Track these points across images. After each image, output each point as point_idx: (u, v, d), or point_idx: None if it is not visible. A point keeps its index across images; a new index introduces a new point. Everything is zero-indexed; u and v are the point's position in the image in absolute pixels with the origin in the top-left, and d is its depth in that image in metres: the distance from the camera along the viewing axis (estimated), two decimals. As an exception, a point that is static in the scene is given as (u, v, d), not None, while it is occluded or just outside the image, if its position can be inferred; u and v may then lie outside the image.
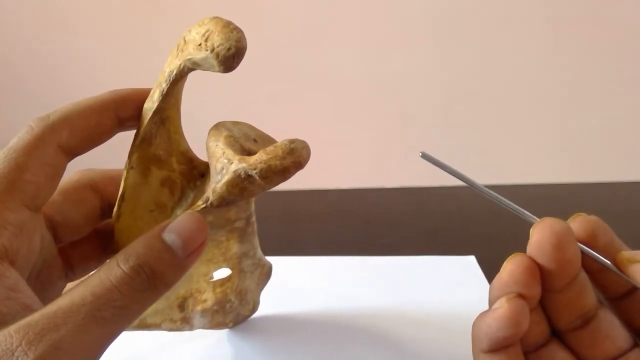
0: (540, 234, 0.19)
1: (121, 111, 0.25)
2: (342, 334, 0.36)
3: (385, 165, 0.81)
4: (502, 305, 0.19)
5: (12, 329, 0.19)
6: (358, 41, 0.80)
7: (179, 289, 0.31)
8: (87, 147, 0.25)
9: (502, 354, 0.20)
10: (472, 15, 0.75)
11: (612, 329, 0.20)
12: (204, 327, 0.33)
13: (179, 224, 0.22)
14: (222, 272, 0.32)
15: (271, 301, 0.39)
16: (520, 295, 0.19)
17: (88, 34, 0.90)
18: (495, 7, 0.74)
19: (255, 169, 0.22)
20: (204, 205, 0.24)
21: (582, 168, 0.78)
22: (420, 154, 0.21)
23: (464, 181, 0.21)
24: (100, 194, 0.27)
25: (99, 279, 0.20)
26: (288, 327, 0.37)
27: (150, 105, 0.25)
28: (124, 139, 0.28)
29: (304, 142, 0.22)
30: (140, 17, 0.84)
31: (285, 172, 0.22)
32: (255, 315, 0.38)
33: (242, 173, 0.22)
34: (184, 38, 0.23)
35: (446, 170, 0.21)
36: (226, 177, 0.23)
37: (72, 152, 0.24)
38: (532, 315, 0.20)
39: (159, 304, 0.30)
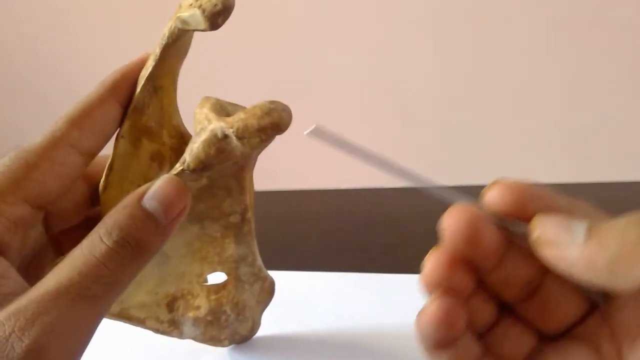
0: (450, 228, 0.18)
1: (120, 97, 0.25)
2: (348, 356, 0.34)
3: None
4: (430, 307, 0.18)
5: (1, 316, 0.19)
6: (359, 41, 0.80)
7: (168, 285, 0.30)
8: (101, 142, 0.25)
9: (450, 348, 0.19)
10: (472, 16, 0.75)
11: (561, 296, 0.19)
12: (195, 339, 0.32)
13: (158, 190, 0.22)
14: (218, 278, 0.31)
15: (272, 319, 0.36)
16: (448, 291, 0.18)
17: (88, 33, 0.90)
18: (496, 7, 0.74)
19: (232, 127, 0.22)
20: (181, 168, 0.23)
21: (582, 168, 0.77)
22: (311, 130, 0.18)
23: (366, 160, 0.19)
24: (89, 181, 0.27)
25: (84, 256, 0.20)
26: (291, 348, 0.36)
27: (144, 73, 0.25)
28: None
29: (285, 105, 0.22)
30: (140, 16, 0.84)
31: (262, 133, 0.22)
32: (256, 334, 0.36)
33: (219, 132, 0.22)
34: (180, 3, 0.23)
35: (344, 149, 0.19)
36: (203, 136, 0.22)
37: (88, 150, 0.24)
38: (475, 298, 0.19)
39: (145, 297, 0.29)
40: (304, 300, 0.41)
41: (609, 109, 0.75)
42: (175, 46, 0.24)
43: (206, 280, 0.31)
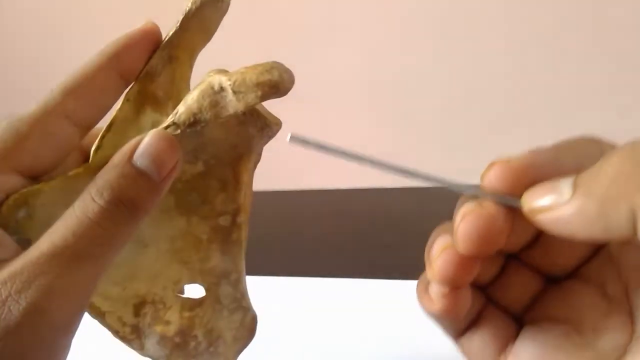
0: (464, 233, 0.17)
1: (121, 66, 0.24)
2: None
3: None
4: (437, 302, 0.18)
5: None
6: (359, 41, 0.80)
7: (140, 283, 0.27)
8: (97, 114, 0.24)
9: (445, 318, 0.19)
10: (474, 15, 0.75)
11: (564, 240, 0.18)
12: None
13: (148, 146, 0.21)
14: (195, 292, 0.28)
15: (268, 330, 0.32)
16: (457, 285, 0.18)
17: (87, 32, 0.89)
18: (497, 7, 0.74)
19: (230, 79, 0.21)
20: (171, 120, 0.22)
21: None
22: (289, 138, 0.19)
23: (349, 159, 0.19)
24: (87, 154, 0.26)
25: (77, 217, 0.20)
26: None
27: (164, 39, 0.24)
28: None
29: (287, 68, 0.22)
30: (139, 16, 0.84)
31: (258, 89, 0.21)
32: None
33: (216, 84, 0.22)
34: None
35: (325, 151, 0.19)
36: (199, 87, 0.22)
37: (83, 122, 0.23)
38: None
39: (111, 288, 0.27)
40: (301, 308, 0.40)
41: (610, 109, 0.75)
42: (198, 18, 0.24)
43: (182, 291, 0.28)
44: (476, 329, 0.20)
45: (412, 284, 0.20)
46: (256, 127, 0.24)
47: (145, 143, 0.21)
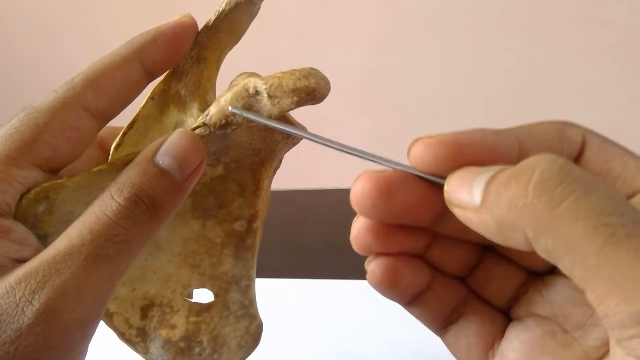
0: (356, 197, 0.18)
1: (147, 60, 0.23)
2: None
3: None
4: (368, 270, 0.19)
5: (11, 280, 0.18)
6: (359, 40, 0.80)
7: (150, 285, 0.27)
8: (118, 108, 0.23)
9: (419, 303, 0.19)
10: (473, 16, 0.75)
11: None
12: None
13: (172, 145, 0.20)
14: (204, 298, 0.27)
15: (271, 333, 0.31)
16: (381, 254, 0.19)
17: (87, 32, 0.89)
18: (497, 8, 0.74)
19: (266, 83, 0.21)
20: (202, 121, 0.22)
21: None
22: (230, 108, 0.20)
23: (285, 131, 0.20)
24: (108, 152, 0.26)
25: (95, 215, 0.19)
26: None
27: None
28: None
29: (324, 76, 0.21)
30: (138, 16, 0.84)
31: (294, 94, 0.21)
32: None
33: (251, 87, 0.21)
34: None
35: (261, 123, 0.20)
36: (234, 89, 0.21)
37: (102, 115, 0.23)
38: (437, 248, 0.19)
39: (121, 288, 0.26)
40: (301, 309, 0.39)
41: (609, 109, 0.75)
42: (230, 19, 0.24)
43: (191, 296, 0.28)
44: (460, 324, 0.20)
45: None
46: (282, 133, 0.23)
47: (169, 142, 0.20)
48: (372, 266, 0.19)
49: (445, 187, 0.17)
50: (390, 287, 0.19)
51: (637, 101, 0.74)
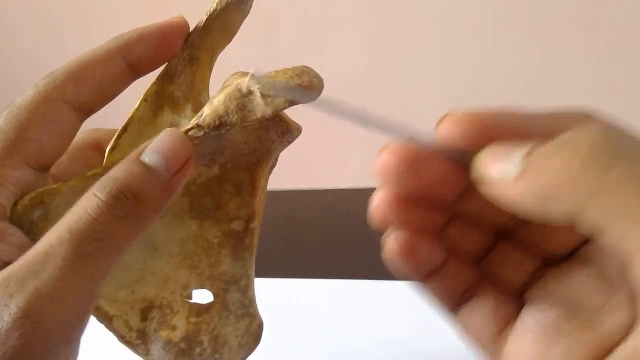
0: (382, 168, 0.17)
1: (131, 56, 0.23)
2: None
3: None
4: (386, 244, 0.19)
5: None
6: (359, 40, 0.80)
7: (149, 287, 0.27)
8: (99, 102, 0.23)
9: (433, 279, 0.19)
10: (473, 16, 0.75)
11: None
12: None
13: (158, 143, 0.20)
14: (203, 298, 0.27)
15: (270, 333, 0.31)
16: (401, 227, 0.18)
17: (87, 32, 0.89)
18: (497, 8, 0.74)
19: (259, 83, 0.21)
20: (195, 122, 0.22)
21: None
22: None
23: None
24: (104, 154, 0.25)
25: (76, 214, 0.19)
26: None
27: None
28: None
29: (317, 74, 0.21)
30: (140, 15, 0.84)
31: (287, 93, 0.21)
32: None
33: (244, 88, 0.21)
34: None
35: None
36: (227, 90, 0.21)
37: (83, 108, 0.22)
38: (455, 227, 0.19)
39: (120, 291, 0.26)
40: (304, 310, 0.39)
41: (610, 109, 0.75)
42: (222, 18, 0.24)
43: (190, 297, 0.28)
44: (474, 303, 0.20)
45: (413, 285, 0.20)
46: (277, 132, 0.23)
47: (155, 140, 0.20)
48: (391, 239, 0.19)
49: (475, 163, 0.16)
50: (408, 260, 0.19)
51: (638, 101, 0.74)
